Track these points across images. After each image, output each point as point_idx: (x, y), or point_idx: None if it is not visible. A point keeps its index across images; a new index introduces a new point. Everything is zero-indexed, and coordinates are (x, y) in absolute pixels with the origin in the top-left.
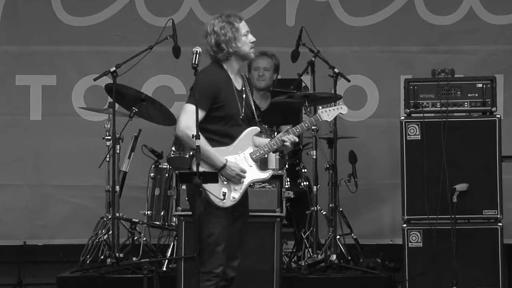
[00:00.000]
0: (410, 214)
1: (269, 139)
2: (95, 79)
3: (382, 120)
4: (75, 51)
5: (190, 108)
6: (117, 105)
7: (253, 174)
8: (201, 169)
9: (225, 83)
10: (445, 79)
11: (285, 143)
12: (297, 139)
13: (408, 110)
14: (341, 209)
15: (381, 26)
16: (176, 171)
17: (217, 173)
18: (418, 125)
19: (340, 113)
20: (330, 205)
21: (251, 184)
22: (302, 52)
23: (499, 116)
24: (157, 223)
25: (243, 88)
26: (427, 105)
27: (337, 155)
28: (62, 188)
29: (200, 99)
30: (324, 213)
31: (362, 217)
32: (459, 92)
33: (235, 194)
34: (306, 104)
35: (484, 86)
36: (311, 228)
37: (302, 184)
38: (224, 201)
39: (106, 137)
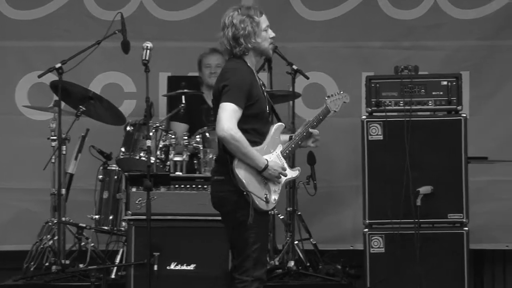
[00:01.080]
0: (372, 218)
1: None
2: (39, 76)
3: (343, 119)
4: (19, 46)
5: (230, 107)
6: (63, 104)
7: (288, 173)
8: (240, 171)
9: (253, 78)
10: (408, 77)
11: (315, 136)
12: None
13: (370, 109)
14: (299, 213)
15: (342, 21)
16: (126, 173)
17: (169, 175)
18: (380, 125)
19: (344, 101)
20: (288, 209)
21: None
22: None
23: (465, 115)
24: (106, 228)
25: (262, 83)
26: (389, 103)
27: (296, 156)
28: (4, 191)
29: (237, 97)
30: (281, 217)
31: (322, 221)
32: (423, 90)
33: (275, 196)
34: None
35: (449, 83)
36: (268, 233)
37: None
38: (268, 204)
39: (52, 137)
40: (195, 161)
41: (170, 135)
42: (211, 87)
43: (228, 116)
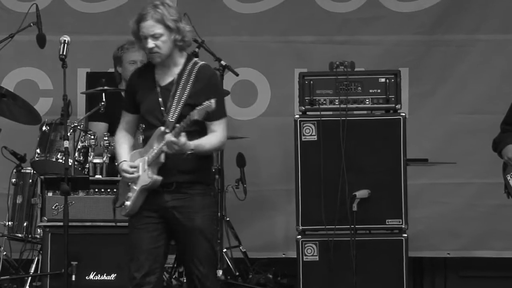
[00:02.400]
0: (305, 224)
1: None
2: None
3: (274, 118)
4: None
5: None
6: None
7: (142, 179)
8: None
9: (140, 79)
10: (344, 73)
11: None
12: (173, 139)
13: (303, 108)
14: (228, 219)
15: (272, 13)
16: (42, 176)
17: (88, 179)
18: (314, 125)
19: (207, 110)
20: None
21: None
22: None
23: (404, 114)
24: (19, 235)
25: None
26: (324, 102)
27: (224, 158)
28: None
29: (124, 100)
30: None
31: (252, 227)
32: (359, 88)
33: (128, 202)
34: None
35: (387, 81)
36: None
37: None
38: (122, 208)
39: None
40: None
41: (89, 135)
42: None
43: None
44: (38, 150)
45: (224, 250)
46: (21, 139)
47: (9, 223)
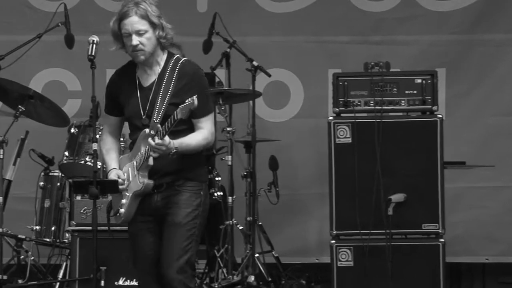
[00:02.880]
0: (340, 229)
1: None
2: None
3: (308, 120)
4: None
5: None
6: (0, 103)
7: (134, 185)
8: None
9: (124, 81)
10: (379, 74)
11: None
12: (157, 142)
13: (337, 109)
14: (260, 223)
15: (306, 13)
16: (70, 180)
17: (117, 182)
18: (348, 127)
19: (190, 108)
20: (248, 219)
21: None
22: (215, 42)
23: (440, 116)
24: (47, 240)
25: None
26: (359, 103)
27: (256, 161)
28: None
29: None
30: (240, 227)
31: (285, 232)
32: (395, 89)
33: (123, 209)
34: (221, 102)
35: (423, 81)
36: (226, 246)
37: (215, 194)
38: (116, 216)
39: None
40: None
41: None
42: None
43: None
44: (66, 153)
45: (256, 255)
46: (49, 142)
47: (37, 227)
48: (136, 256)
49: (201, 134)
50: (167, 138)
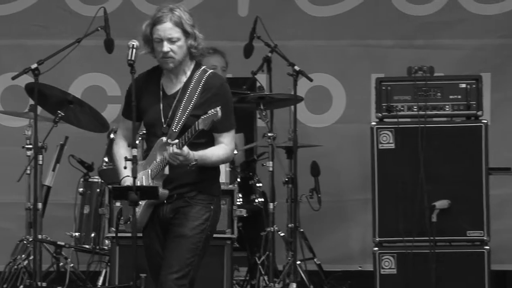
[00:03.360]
0: (383, 236)
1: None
2: (13, 78)
3: (350, 126)
4: None
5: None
6: (39, 108)
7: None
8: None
9: (144, 87)
10: (423, 78)
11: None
12: (176, 151)
13: (380, 115)
14: (302, 230)
15: (348, 17)
16: (109, 186)
17: (157, 188)
18: (391, 132)
19: (213, 119)
20: (289, 225)
21: None
22: (256, 46)
23: (485, 121)
24: (87, 246)
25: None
26: (402, 108)
27: (298, 166)
28: None
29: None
30: (282, 234)
31: (327, 239)
32: (439, 94)
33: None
34: (262, 107)
35: (468, 86)
36: (267, 252)
37: (256, 200)
38: (128, 224)
39: (27, 146)
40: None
41: None
42: None
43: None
44: (105, 159)
45: (298, 262)
46: (88, 147)
47: (76, 234)
48: (150, 266)
49: (222, 150)
50: (185, 148)
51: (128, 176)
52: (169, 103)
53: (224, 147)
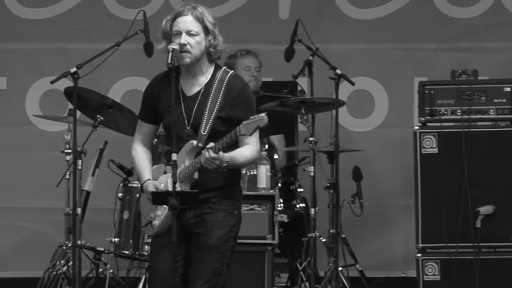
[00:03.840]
0: (426, 242)
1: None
2: (52, 82)
3: (392, 130)
4: (29, 49)
5: None
6: (78, 113)
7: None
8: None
9: (163, 89)
10: (467, 82)
11: (200, 159)
12: (213, 156)
13: (423, 119)
14: (343, 236)
15: (391, 20)
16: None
17: (196, 193)
18: (435, 136)
19: (258, 125)
20: (331, 231)
21: None
22: (297, 49)
23: None
24: (126, 252)
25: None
26: (445, 112)
27: (339, 171)
28: (12, 211)
29: (140, 109)
30: (323, 240)
31: (369, 245)
32: (483, 97)
33: (158, 221)
34: (303, 111)
35: None
36: (309, 258)
37: (297, 206)
38: (148, 228)
39: (66, 151)
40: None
41: None
42: None
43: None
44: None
45: (340, 268)
46: (128, 152)
47: (116, 239)
48: (155, 273)
49: (249, 151)
50: (221, 152)
51: (150, 179)
52: (190, 104)
53: (250, 148)
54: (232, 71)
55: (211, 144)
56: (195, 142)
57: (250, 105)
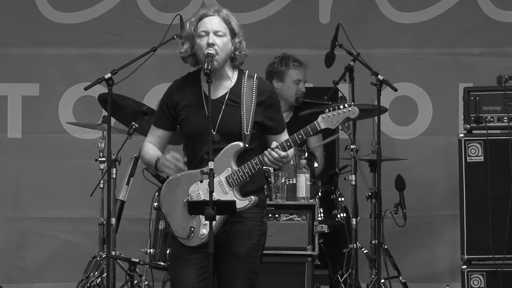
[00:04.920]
0: (472, 254)
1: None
2: (86, 88)
3: (437, 138)
4: (62, 54)
5: None
6: (113, 120)
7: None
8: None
9: (183, 93)
10: None
11: (263, 159)
12: (283, 154)
13: (469, 126)
14: (386, 247)
15: (435, 24)
16: (185, 200)
17: (234, 203)
18: (480, 144)
19: (348, 117)
20: (373, 242)
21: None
22: (338, 55)
23: None
24: (162, 264)
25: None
26: (491, 119)
27: (382, 180)
28: (45, 220)
29: (155, 114)
30: (365, 251)
31: (413, 256)
32: None
33: (205, 230)
34: None
35: None
36: (350, 270)
37: (338, 216)
38: (190, 239)
39: (100, 159)
40: (265, 186)
41: None
42: (292, 107)
43: None
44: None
45: (382, 280)
46: None
47: (151, 250)
48: (176, 284)
49: (293, 150)
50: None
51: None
52: (215, 108)
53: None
54: (256, 74)
55: (275, 144)
56: (241, 144)
57: (279, 105)
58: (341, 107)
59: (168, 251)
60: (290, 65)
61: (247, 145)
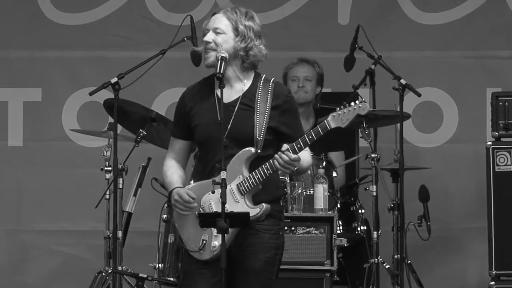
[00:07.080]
0: (500, 269)
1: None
2: (91, 93)
3: (463, 146)
4: (65, 57)
5: None
6: (119, 127)
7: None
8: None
9: (194, 101)
10: None
11: (274, 163)
12: (293, 157)
13: (497, 133)
14: (409, 262)
15: (461, 25)
16: (196, 212)
17: (248, 214)
18: (509, 153)
19: (359, 113)
20: (395, 257)
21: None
22: (358, 58)
23: None
24: (171, 279)
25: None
26: None
27: (404, 191)
28: (48, 234)
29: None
30: (387, 266)
31: (438, 271)
32: None
33: (217, 242)
34: (364, 125)
35: None
36: (371, 286)
37: (358, 229)
38: (202, 252)
39: (106, 168)
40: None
41: None
42: (311, 112)
43: None
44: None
45: None
46: None
47: (160, 265)
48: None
49: (308, 154)
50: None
51: (180, 187)
52: (227, 112)
53: (308, 151)
54: (274, 78)
55: (286, 146)
56: (253, 149)
57: (296, 111)
58: (352, 104)
59: (179, 266)
60: (290, 65)
61: (259, 151)
